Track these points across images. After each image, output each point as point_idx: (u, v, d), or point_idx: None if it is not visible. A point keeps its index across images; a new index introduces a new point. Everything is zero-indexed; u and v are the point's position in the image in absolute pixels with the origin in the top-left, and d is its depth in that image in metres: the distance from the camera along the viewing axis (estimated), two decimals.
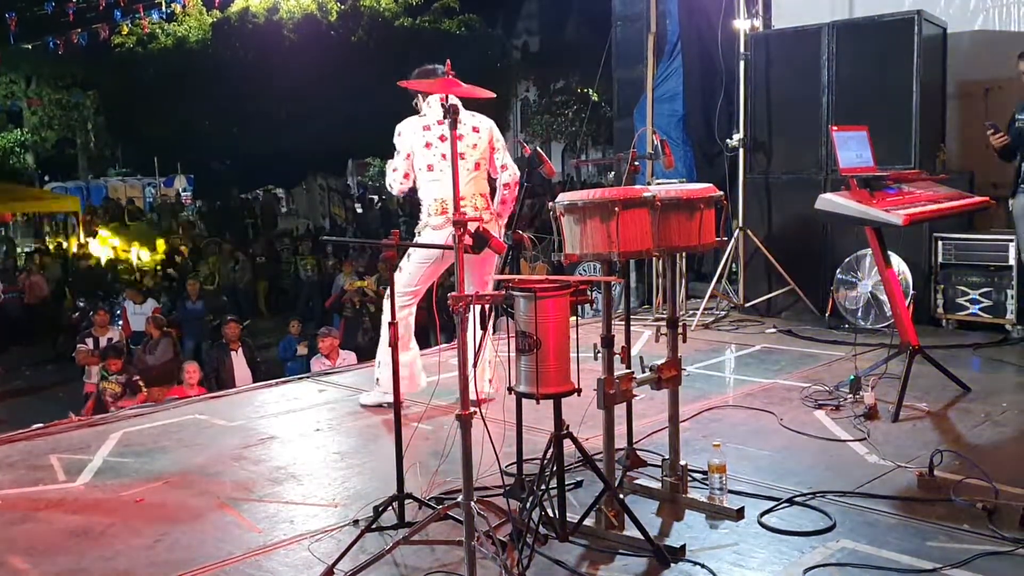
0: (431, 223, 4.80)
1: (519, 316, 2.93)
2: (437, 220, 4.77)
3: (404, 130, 4.87)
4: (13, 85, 26.89)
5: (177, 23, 21.28)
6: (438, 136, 4.79)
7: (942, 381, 4.88)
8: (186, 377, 9.01)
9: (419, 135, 4.81)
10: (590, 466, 3.23)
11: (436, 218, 4.78)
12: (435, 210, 4.79)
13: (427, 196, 4.86)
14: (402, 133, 4.87)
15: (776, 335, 6.71)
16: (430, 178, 4.82)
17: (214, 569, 3.12)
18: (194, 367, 9.22)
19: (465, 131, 4.85)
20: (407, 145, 4.85)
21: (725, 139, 7.54)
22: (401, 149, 4.87)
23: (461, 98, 4.25)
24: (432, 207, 4.81)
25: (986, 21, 7.09)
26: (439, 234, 4.71)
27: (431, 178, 4.81)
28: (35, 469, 4.31)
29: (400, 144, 4.88)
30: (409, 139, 4.85)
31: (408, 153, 4.85)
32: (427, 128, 4.81)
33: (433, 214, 4.80)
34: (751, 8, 7.63)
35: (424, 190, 4.87)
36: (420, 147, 4.81)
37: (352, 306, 11.95)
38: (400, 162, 4.88)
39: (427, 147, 4.80)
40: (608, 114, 15.96)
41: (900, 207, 4.64)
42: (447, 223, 4.66)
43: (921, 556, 2.99)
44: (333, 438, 4.64)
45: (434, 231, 4.76)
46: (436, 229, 4.76)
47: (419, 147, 4.81)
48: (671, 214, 3.23)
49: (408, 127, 4.87)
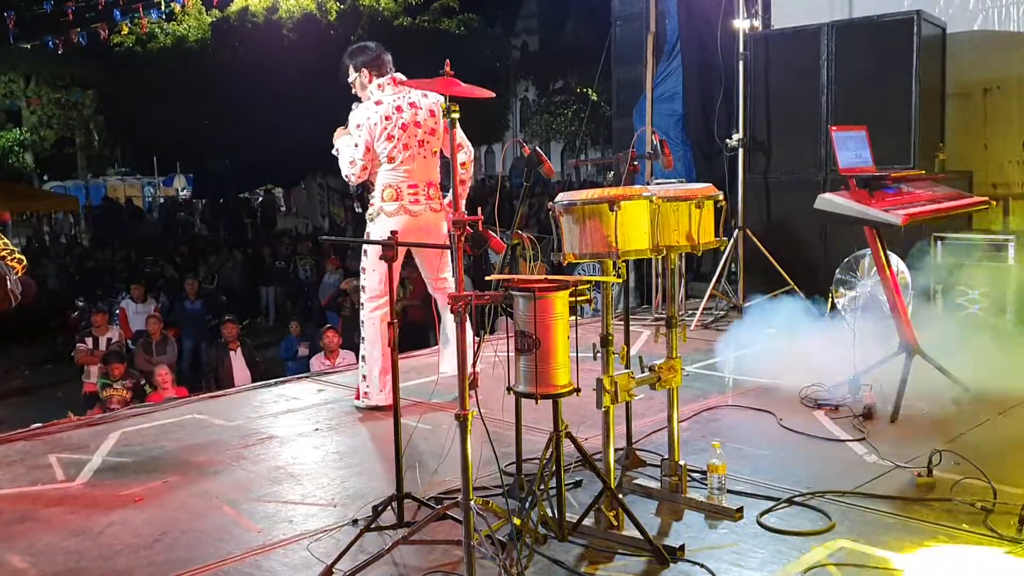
0: (386, 208, 4.82)
1: (518, 316, 2.93)
2: (391, 206, 4.81)
3: (363, 121, 4.81)
4: (12, 84, 26.86)
5: (176, 22, 21.29)
6: (399, 125, 4.78)
7: (941, 381, 4.88)
8: (159, 381, 8.88)
9: (379, 126, 4.78)
10: (589, 466, 3.23)
11: (390, 204, 4.81)
12: (389, 196, 4.82)
13: (380, 181, 4.85)
14: (361, 125, 4.81)
15: (775, 335, 6.70)
16: (387, 167, 4.83)
17: (213, 569, 3.12)
18: (165, 371, 9.06)
19: (423, 116, 4.85)
20: (366, 137, 4.80)
21: (724, 139, 7.53)
22: (360, 142, 4.82)
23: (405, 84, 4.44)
24: (386, 193, 4.82)
25: (985, 21, 7.09)
26: (394, 220, 4.74)
27: (387, 167, 4.83)
28: (34, 469, 4.31)
29: (359, 137, 4.81)
30: (368, 131, 4.80)
31: (368, 146, 4.81)
32: (388, 118, 4.79)
33: (387, 200, 4.82)
34: (750, 8, 7.63)
35: (379, 176, 4.86)
36: (382, 139, 4.79)
37: (351, 305, 11.91)
38: (360, 156, 4.82)
39: (388, 139, 4.79)
40: (607, 114, 15.98)
41: (899, 207, 4.64)
42: (400, 210, 4.79)
43: None
44: (332, 438, 4.64)
45: (389, 217, 4.79)
46: (391, 216, 4.79)
47: (380, 138, 4.79)
48: (670, 214, 3.23)
49: (367, 119, 4.80)
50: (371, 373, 4.94)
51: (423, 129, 4.85)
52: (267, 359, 11.51)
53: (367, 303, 4.94)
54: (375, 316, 4.89)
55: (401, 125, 4.80)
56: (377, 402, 4.94)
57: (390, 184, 4.82)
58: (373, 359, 4.92)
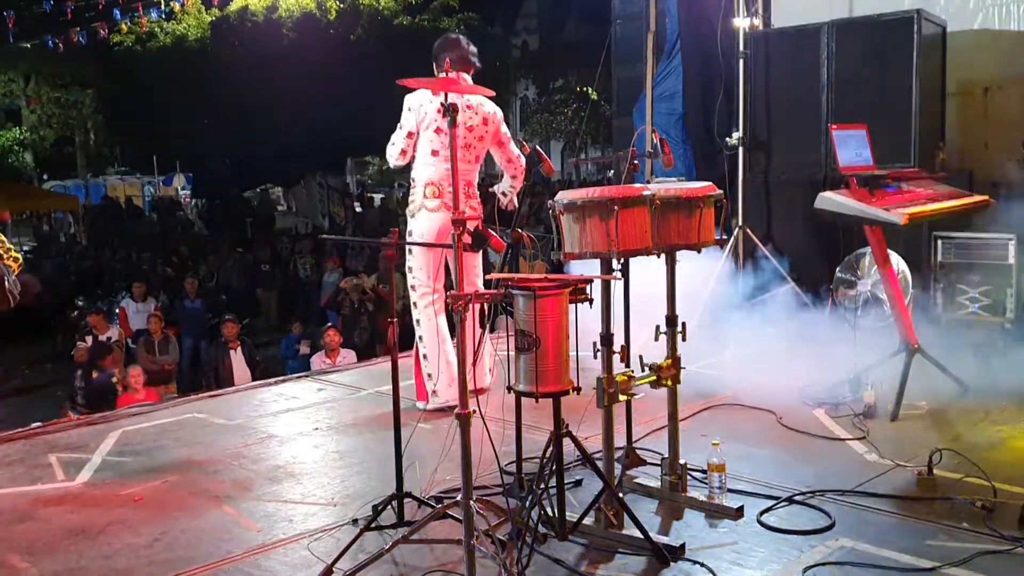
0: (427, 205, 4.72)
1: (518, 315, 2.93)
2: (433, 203, 4.71)
3: (414, 106, 4.68)
4: (12, 84, 26.88)
5: (176, 22, 21.27)
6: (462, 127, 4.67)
7: (941, 380, 4.87)
8: (131, 382, 8.78)
9: (430, 116, 4.64)
10: (589, 465, 3.23)
11: (432, 200, 4.71)
12: (431, 192, 4.72)
13: (421, 177, 4.75)
14: (412, 109, 4.68)
15: (775, 334, 6.70)
16: (430, 162, 4.72)
17: (213, 568, 3.12)
18: (138, 371, 8.95)
19: (476, 122, 4.78)
20: (412, 123, 4.68)
21: (724, 138, 7.52)
22: (405, 125, 4.70)
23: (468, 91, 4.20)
24: (428, 190, 4.72)
25: (986, 20, 7.07)
26: (436, 216, 4.67)
27: (430, 162, 4.72)
28: (34, 468, 4.31)
29: (407, 120, 4.69)
30: (417, 118, 4.67)
31: (411, 131, 4.70)
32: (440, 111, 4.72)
33: (429, 196, 4.72)
34: (750, 7, 7.62)
35: (420, 171, 4.76)
36: (429, 130, 4.68)
37: (351, 304, 11.92)
38: (401, 138, 4.73)
39: (437, 132, 4.67)
40: (607, 113, 15.98)
41: (900, 206, 4.63)
42: (442, 207, 4.68)
43: (920, 555, 2.99)
44: (332, 437, 4.64)
45: (431, 213, 4.70)
46: (432, 212, 4.70)
47: (427, 128, 4.68)
48: (670, 213, 3.23)
49: (420, 105, 4.66)
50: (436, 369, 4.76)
51: (473, 134, 4.77)
52: (267, 358, 11.50)
53: (419, 300, 4.81)
54: (429, 312, 4.79)
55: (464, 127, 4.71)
56: (448, 399, 4.70)
57: (432, 181, 4.71)
58: (435, 355, 4.75)
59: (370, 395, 5.44)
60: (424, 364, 4.86)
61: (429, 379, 4.81)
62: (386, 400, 3.74)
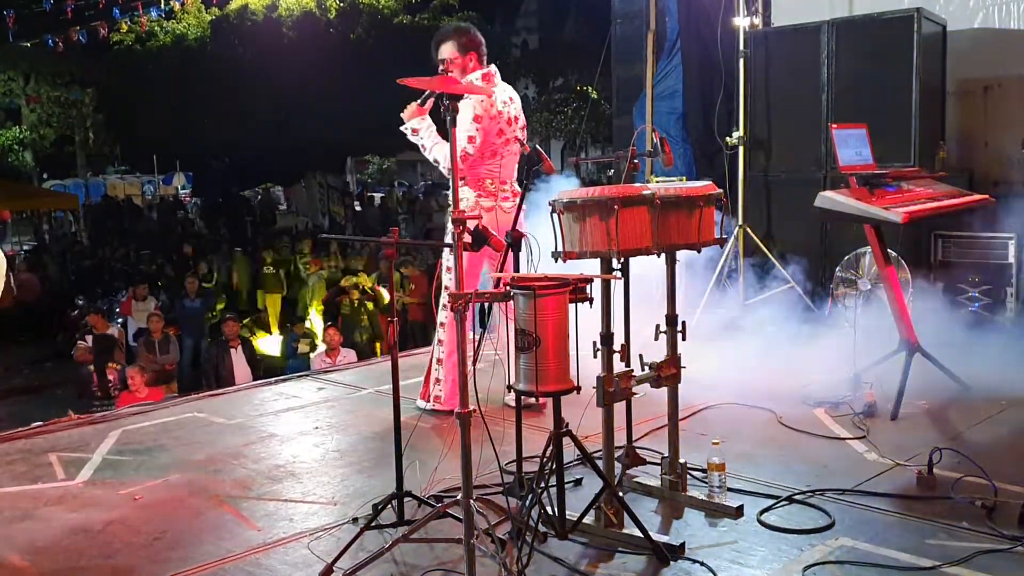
0: (483, 203, 4.64)
1: (518, 314, 2.93)
2: (488, 202, 4.67)
3: (481, 112, 4.54)
4: (12, 83, 26.87)
5: (176, 21, 21.27)
6: (506, 120, 4.65)
7: (941, 379, 4.88)
8: (130, 383, 8.79)
9: (494, 121, 4.57)
10: (589, 464, 3.23)
11: (487, 200, 4.67)
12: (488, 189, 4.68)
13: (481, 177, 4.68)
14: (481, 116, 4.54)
15: (775, 333, 6.70)
16: (489, 161, 4.67)
17: (213, 567, 3.12)
18: (135, 371, 8.97)
19: (516, 112, 4.75)
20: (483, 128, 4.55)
21: (724, 137, 7.52)
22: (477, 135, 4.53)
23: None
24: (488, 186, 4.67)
25: (986, 19, 7.07)
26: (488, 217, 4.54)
27: (489, 161, 4.67)
28: (34, 467, 4.31)
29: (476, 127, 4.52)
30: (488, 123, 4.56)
31: (484, 138, 4.58)
32: (500, 113, 4.61)
33: (485, 196, 4.68)
34: (750, 6, 7.62)
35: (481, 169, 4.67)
36: (492, 134, 4.61)
37: (350, 303, 11.92)
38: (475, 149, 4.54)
39: (499, 134, 4.63)
40: (607, 112, 15.96)
41: (899, 205, 4.64)
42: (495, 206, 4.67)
43: (920, 554, 2.99)
44: (332, 436, 4.64)
45: (487, 213, 4.58)
46: (488, 211, 4.60)
47: (494, 132, 4.61)
48: (670, 212, 3.23)
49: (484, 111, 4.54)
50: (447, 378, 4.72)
51: (518, 124, 4.74)
52: (267, 357, 11.50)
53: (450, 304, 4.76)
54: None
55: (507, 120, 4.67)
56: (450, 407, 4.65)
57: (485, 179, 4.68)
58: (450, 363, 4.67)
59: (370, 394, 5.45)
60: (436, 368, 4.79)
61: (437, 384, 4.79)
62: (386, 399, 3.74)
